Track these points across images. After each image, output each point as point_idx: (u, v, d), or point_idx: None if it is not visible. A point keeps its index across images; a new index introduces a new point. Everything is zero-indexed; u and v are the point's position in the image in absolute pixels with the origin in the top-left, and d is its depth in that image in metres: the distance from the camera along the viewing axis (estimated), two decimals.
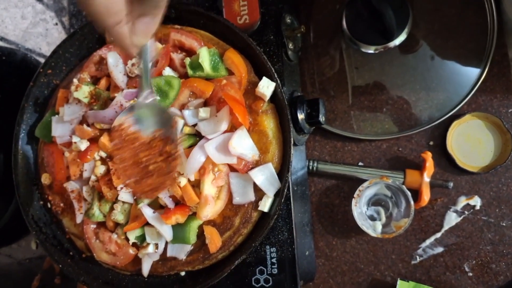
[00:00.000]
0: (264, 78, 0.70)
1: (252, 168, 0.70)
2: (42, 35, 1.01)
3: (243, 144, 0.68)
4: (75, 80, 0.75)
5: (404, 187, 0.83)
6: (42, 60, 1.01)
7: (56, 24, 1.00)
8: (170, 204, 0.70)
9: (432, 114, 0.87)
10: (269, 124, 0.71)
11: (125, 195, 0.71)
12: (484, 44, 0.85)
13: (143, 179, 0.66)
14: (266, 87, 0.70)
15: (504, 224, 0.84)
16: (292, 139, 0.70)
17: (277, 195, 0.70)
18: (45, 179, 0.79)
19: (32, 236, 0.98)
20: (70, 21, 1.01)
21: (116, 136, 0.65)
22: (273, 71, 0.70)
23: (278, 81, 0.70)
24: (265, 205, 0.70)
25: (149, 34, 0.52)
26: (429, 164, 0.85)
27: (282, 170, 0.70)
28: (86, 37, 0.80)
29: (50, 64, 0.80)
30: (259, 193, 0.70)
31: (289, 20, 0.83)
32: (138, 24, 0.50)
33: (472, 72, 0.86)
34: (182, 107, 0.72)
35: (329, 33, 0.94)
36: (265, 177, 0.69)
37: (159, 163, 0.65)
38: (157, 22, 0.52)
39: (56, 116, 0.77)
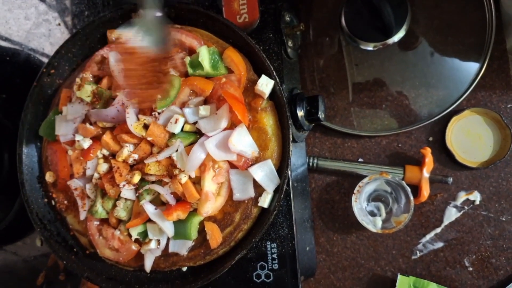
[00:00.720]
0: (263, 76, 0.71)
1: (251, 164, 0.70)
2: (45, 35, 1.02)
3: (242, 141, 0.69)
4: (77, 80, 0.76)
5: (403, 182, 0.83)
6: (45, 60, 1.03)
7: (59, 24, 1.01)
8: (171, 200, 0.71)
9: (431, 110, 0.88)
10: (268, 121, 0.72)
11: (127, 192, 0.72)
12: (483, 39, 0.86)
13: (139, 89, 0.68)
14: (265, 84, 0.70)
15: (504, 219, 0.85)
16: (291, 136, 0.70)
17: (276, 191, 0.71)
18: (49, 177, 0.80)
19: (36, 233, 1.00)
20: (72, 21, 1.02)
21: (119, 48, 0.66)
22: (272, 69, 0.71)
23: (277, 79, 0.71)
24: (264, 201, 0.71)
25: None
26: (429, 160, 0.85)
27: (282, 167, 0.71)
28: (88, 37, 0.81)
29: (53, 64, 0.81)
30: (259, 189, 0.71)
31: (288, 18, 0.84)
32: None
33: (471, 68, 0.86)
34: (183, 105, 0.73)
35: (328, 31, 0.94)
36: (264, 173, 0.70)
37: (153, 77, 0.67)
38: None
39: (60, 115, 0.78)
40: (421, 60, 0.89)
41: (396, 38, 0.88)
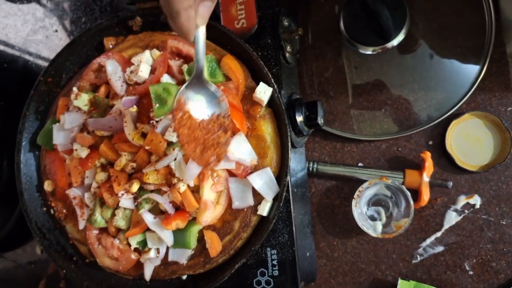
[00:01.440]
0: (261, 83, 0.70)
1: (250, 172, 0.70)
2: (43, 42, 1.02)
3: (241, 149, 0.69)
4: (74, 89, 0.76)
5: (403, 187, 0.83)
6: (43, 67, 1.02)
7: (56, 31, 1.01)
8: (170, 209, 0.71)
9: (431, 114, 0.87)
10: (267, 129, 0.72)
11: (126, 201, 0.72)
12: (483, 42, 0.85)
13: (204, 151, 0.64)
14: (263, 92, 0.70)
15: (504, 223, 0.84)
16: (289, 144, 0.70)
17: (275, 199, 0.71)
18: (47, 186, 0.80)
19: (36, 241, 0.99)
20: (70, 27, 1.02)
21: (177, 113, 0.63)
22: (270, 76, 0.70)
23: (275, 86, 0.70)
24: (264, 210, 0.70)
25: (208, 17, 0.57)
26: (429, 164, 0.85)
27: (281, 174, 0.71)
28: (84, 45, 0.80)
29: (50, 72, 0.81)
30: (258, 198, 0.71)
31: (286, 23, 0.83)
32: (201, 7, 0.55)
33: (470, 71, 0.86)
34: None
35: (327, 34, 0.94)
36: (263, 181, 0.70)
37: (215, 136, 0.64)
38: (214, 5, 0.57)
39: (57, 124, 0.78)
40: (420, 63, 0.89)
41: (395, 41, 0.87)
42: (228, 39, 0.74)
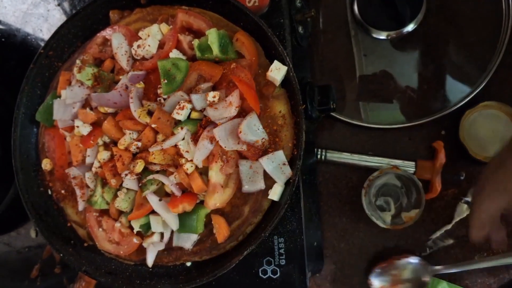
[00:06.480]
0: (275, 61, 0.67)
1: (262, 155, 0.67)
2: (43, 16, 0.97)
3: (253, 130, 0.66)
4: (78, 62, 0.72)
5: (415, 177, 0.81)
6: (43, 43, 0.98)
7: (58, 5, 0.97)
8: (177, 192, 0.67)
9: (444, 103, 0.86)
10: (280, 109, 0.68)
11: (130, 182, 0.69)
12: (499, 32, 0.84)
13: None
14: (278, 70, 0.67)
15: None
16: (304, 125, 0.67)
17: (287, 183, 0.68)
18: (45, 164, 0.76)
19: (31, 224, 0.96)
20: (73, 1, 0.97)
21: None
22: (285, 54, 0.67)
23: (290, 65, 0.67)
24: (275, 194, 0.67)
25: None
26: (441, 154, 0.83)
27: (294, 158, 0.68)
28: (89, 17, 0.76)
29: (52, 45, 0.76)
30: (269, 181, 0.68)
31: (299, 4, 0.81)
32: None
33: (485, 61, 0.84)
34: (190, 91, 0.69)
35: (339, 19, 0.92)
36: (275, 164, 0.66)
37: None
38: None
39: (58, 99, 0.74)
40: (434, 51, 0.86)
41: (410, 27, 0.86)
42: (241, 15, 0.70)
